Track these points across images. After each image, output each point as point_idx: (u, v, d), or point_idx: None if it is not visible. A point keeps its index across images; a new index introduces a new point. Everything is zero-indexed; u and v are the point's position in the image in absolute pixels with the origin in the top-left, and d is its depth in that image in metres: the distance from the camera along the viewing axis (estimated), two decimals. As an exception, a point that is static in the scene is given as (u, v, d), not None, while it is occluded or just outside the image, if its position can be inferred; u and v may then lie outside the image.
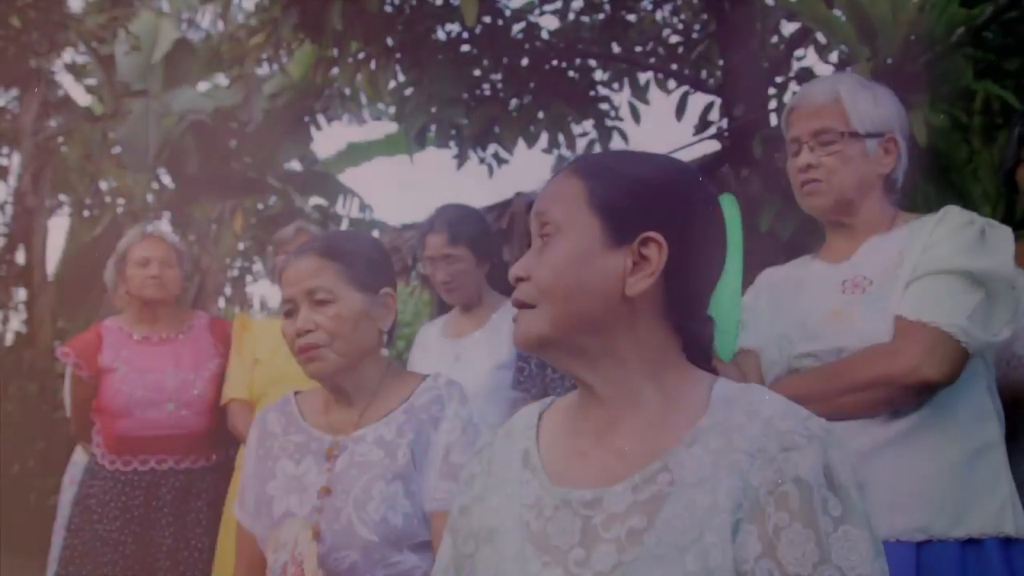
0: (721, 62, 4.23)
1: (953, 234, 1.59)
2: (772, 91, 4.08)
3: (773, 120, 3.87)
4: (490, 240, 2.91)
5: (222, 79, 10.38)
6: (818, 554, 0.86)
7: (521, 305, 1.02)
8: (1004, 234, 1.59)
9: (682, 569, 0.89)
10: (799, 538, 0.86)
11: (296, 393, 1.73)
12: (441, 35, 4.43)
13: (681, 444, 0.96)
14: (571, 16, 4.79)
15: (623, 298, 0.99)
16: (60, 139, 8.94)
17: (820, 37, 4.22)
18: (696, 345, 1.06)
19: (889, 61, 2.68)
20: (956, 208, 1.65)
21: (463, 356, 2.78)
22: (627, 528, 0.94)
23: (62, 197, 9.99)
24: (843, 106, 1.68)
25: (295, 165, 10.33)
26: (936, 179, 2.78)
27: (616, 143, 4.86)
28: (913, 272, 1.58)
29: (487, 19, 4.35)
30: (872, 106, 1.69)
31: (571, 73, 4.71)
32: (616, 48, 4.86)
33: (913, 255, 1.60)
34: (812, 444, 0.90)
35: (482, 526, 1.08)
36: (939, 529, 1.48)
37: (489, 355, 2.75)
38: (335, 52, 4.31)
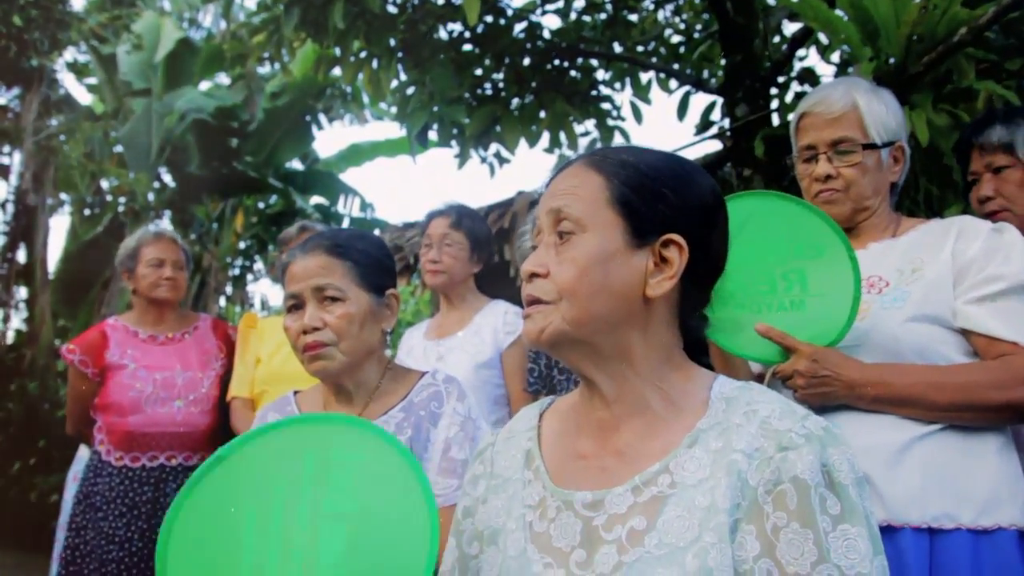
0: (723, 62, 4.22)
1: (1000, 245, 1.60)
2: (774, 91, 4.07)
3: (775, 120, 3.86)
4: (488, 241, 2.98)
5: (224, 78, 10.39)
6: (817, 553, 0.85)
7: (535, 302, 1.00)
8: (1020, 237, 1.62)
9: (682, 569, 0.89)
10: (798, 537, 0.86)
11: (296, 392, 1.73)
12: (443, 34, 4.43)
13: (681, 446, 0.96)
14: (573, 16, 4.78)
15: (642, 299, 0.99)
16: (62, 138, 8.95)
17: (822, 38, 4.21)
18: (696, 341, 1.06)
19: (891, 61, 2.68)
20: (970, 217, 1.67)
21: (446, 356, 2.83)
22: (628, 529, 0.94)
23: (63, 196, 10.01)
24: (861, 115, 1.68)
25: (296, 164, 10.34)
26: (938, 179, 2.78)
27: (617, 143, 4.85)
28: (974, 287, 1.57)
29: (489, 18, 4.34)
30: (885, 115, 1.70)
31: (573, 73, 4.70)
32: (618, 48, 4.85)
33: (940, 264, 1.60)
34: (810, 443, 0.90)
35: (486, 527, 1.08)
36: (967, 518, 1.49)
37: (471, 355, 2.79)
38: (337, 51, 4.31)
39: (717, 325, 1.08)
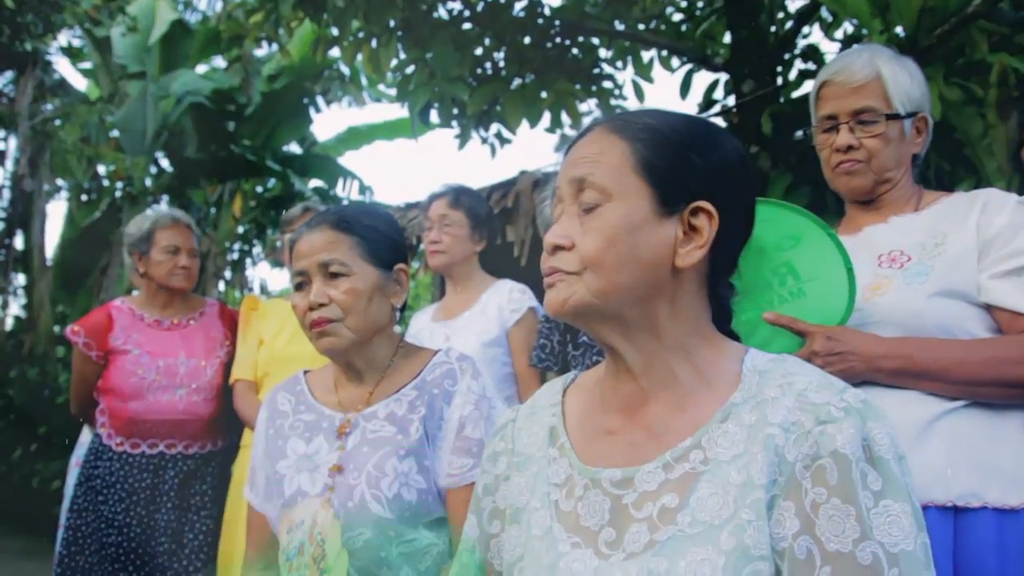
0: (729, 38, 4.17)
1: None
2: (780, 68, 4.02)
3: (780, 95, 3.82)
4: (489, 219, 2.98)
5: (220, 61, 10.30)
6: (859, 530, 0.82)
7: (557, 271, 0.97)
8: None
9: (717, 547, 0.86)
10: (839, 514, 0.83)
11: (306, 372, 1.70)
12: (443, 13, 4.37)
13: (714, 420, 0.93)
14: (574, -7, 4.71)
15: (671, 269, 0.95)
16: (57, 122, 8.87)
17: (824, 13, 4.16)
18: (724, 312, 1.03)
19: (902, 34, 2.64)
20: (995, 190, 1.63)
21: (452, 337, 2.82)
22: (659, 507, 0.90)
23: (60, 181, 9.94)
24: (884, 85, 1.64)
25: (294, 148, 10.27)
26: (950, 154, 2.74)
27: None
28: (999, 261, 1.54)
29: (489, -4, 4.29)
30: (909, 84, 1.66)
31: (574, 51, 4.64)
32: (619, 26, 4.79)
33: (964, 238, 1.56)
34: (849, 416, 0.87)
35: (507, 505, 1.05)
36: (993, 496, 1.46)
37: (477, 333, 2.79)
38: (335, 31, 4.25)
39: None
